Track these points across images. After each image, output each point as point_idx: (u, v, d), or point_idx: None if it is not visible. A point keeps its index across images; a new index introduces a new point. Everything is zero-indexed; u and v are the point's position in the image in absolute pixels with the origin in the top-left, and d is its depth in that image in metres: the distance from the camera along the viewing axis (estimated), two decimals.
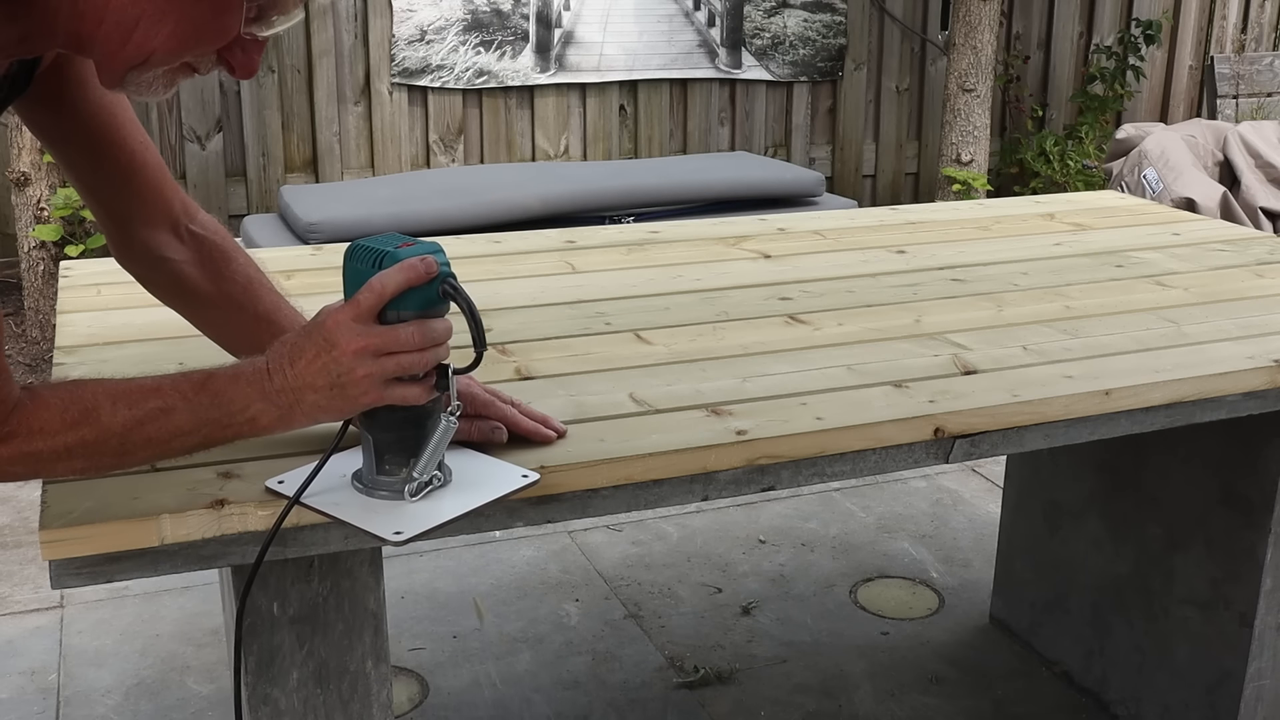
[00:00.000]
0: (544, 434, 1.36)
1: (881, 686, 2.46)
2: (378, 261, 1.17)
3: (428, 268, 1.17)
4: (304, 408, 1.17)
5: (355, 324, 1.15)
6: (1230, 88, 5.68)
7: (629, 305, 1.89)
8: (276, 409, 1.16)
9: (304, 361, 1.15)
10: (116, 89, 1.09)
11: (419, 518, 1.22)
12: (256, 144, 4.90)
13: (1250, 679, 2.04)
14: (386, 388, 1.17)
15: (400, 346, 1.16)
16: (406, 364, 1.17)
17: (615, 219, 4.17)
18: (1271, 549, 1.97)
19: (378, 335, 1.15)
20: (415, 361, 1.17)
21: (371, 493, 1.25)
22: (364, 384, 1.16)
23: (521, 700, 2.40)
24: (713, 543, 3.02)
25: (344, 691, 1.35)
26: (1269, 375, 1.67)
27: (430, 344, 1.17)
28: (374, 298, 1.15)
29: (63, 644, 2.56)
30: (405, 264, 1.16)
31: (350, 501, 1.24)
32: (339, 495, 1.25)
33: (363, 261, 1.19)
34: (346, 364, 1.15)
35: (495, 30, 5.12)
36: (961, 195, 5.09)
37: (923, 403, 1.51)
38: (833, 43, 5.68)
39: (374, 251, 1.18)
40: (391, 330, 1.16)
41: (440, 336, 1.19)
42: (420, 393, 1.19)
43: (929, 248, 2.24)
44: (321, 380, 1.15)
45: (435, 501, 1.25)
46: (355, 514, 1.22)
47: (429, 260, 1.17)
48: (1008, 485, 2.62)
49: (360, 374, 1.15)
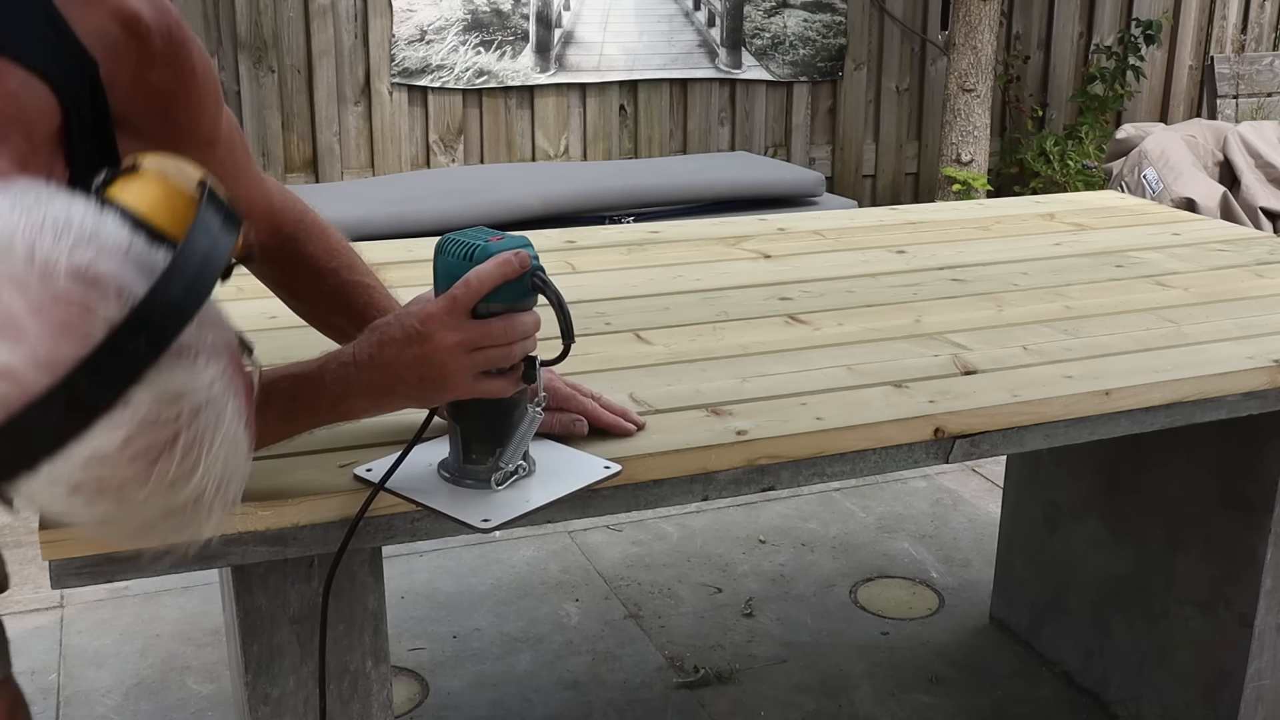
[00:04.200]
0: (624, 426, 1.38)
1: (881, 686, 2.46)
2: (469, 255, 1.19)
3: (521, 262, 1.18)
4: (393, 398, 1.19)
5: (449, 318, 1.16)
6: (1230, 88, 5.68)
7: (629, 305, 1.89)
8: (365, 400, 1.19)
9: (393, 351, 1.16)
10: None
11: (506, 506, 1.24)
12: (256, 144, 4.90)
13: (1250, 679, 2.04)
14: (475, 381, 1.19)
15: (491, 341, 1.17)
16: (496, 358, 1.18)
17: (615, 219, 4.17)
18: (1271, 549, 1.97)
19: (471, 330, 1.16)
20: (504, 355, 1.19)
21: (459, 481, 1.27)
22: (455, 378, 1.18)
23: (521, 700, 2.40)
24: (713, 543, 3.02)
25: (344, 691, 1.35)
26: (1269, 375, 1.67)
27: (519, 337, 1.19)
28: (470, 293, 1.16)
29: (63, 644, 2.56)
30: (500, 259, 1.17)
31: (437, 490, 1.26)
32: (426, 484, 1.26)
33: (454, 255, 1.20)
34: (439, 359, 1.16)
35: (495, 30, 5.12)
36: (961, 195, 5.09)
37: (923, 403, 1.51)
38: (833, 43, 5.68)
39: (466, 245, 1.20)
40: (484, 325, 1.17)
41: (529, 330, 1.20)
42: (507, 385, 1.21)
43: (929, 248, 2.24)
44: (412, 374, 1.17)
45: (521, 490, 1.26)
46: (443, 502, 1.24)
47: (522, 254, 1.18)
48: (1008, 485, 2.62)
49: (452, 369, 1.17)
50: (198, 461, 0.81)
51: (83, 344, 0.76)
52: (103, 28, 1.04)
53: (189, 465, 0.81)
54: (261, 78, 4.87)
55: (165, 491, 0.81)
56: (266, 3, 4.82)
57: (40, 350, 0.76)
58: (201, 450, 0.81)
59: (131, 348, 0.78)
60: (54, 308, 0.76)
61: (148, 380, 0.79)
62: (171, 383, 0.80)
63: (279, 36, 4.86)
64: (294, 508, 1.21)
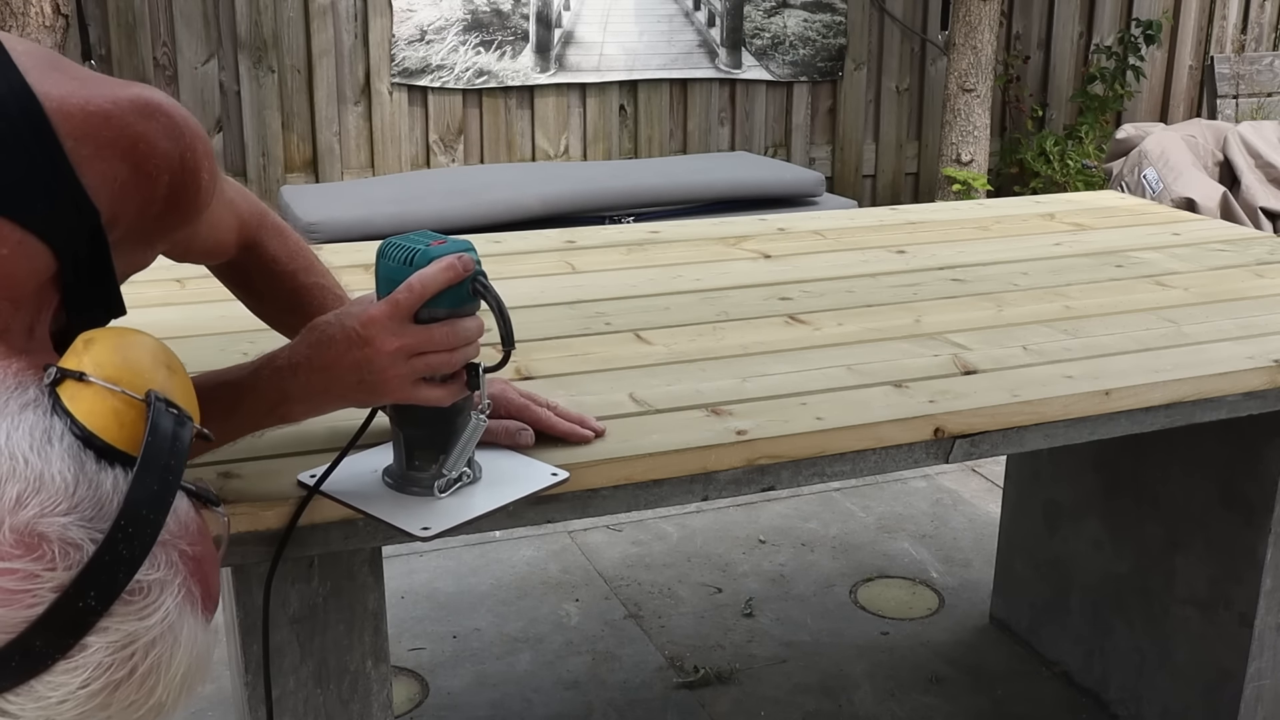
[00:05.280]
0: (580, 434, 1.36)
1: (881, 686, 2.46)
2: (410, 259, 1.17)
3: (465, 266, 1.16)
4: (330, 399, 1.18)
5: (391, 322, 1.14)
6: (1230, 88, 5.68)
7: (629, 305, 1.89)
8: (303, 404, 1.18)
9: (333, 354, 1.15)
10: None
11: (448, 514, 1.22)
12: (256, 144, 4.90)
13: (1250, 679, 2.04)
14: (415, 388, 1.17)
15: (433, 346, 1.16)
16: (437, 364, 1.17)
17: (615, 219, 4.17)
18: (1271, 549, 1.97)
19: (412, 335, 1.15)
20: (446, 361, 1.17)
21: (403, 488, 1.25)
22: (394, 383, 1.16)
23: (521, 700, 2.40)
24: (713, 543, 3.02)
25: (344, 691, 1.35)
26: (1269, 375, 1.67)
27: (462, 343, 1.17)
28: (413, 297, 1.14)
29: None
30: (444, 263, 1.16)
31: (380, 496, 1.24)
32: (370, 490, 1.25)
33: (395, 259, 1.18)
34: (379, 364, 1.14)
35: (495, 30, 5.12)
36: (961, 195, 5.09)
37: (923, 403, 1.51)
38: (833, 43, 5.68)
39: (407, 249, 1.17)
40: (425, 330, 1.15)
41: (471, 336, 1.18)
42: (448, 394, 1.19)
43: (929, 248, 2.24)
44: (351, 376, 1.15)
45: (465, 498, 1.25)
46: (384, 509, 1.22)
47: (466, 258, 1.17)
48: (1008, 485, 2.62)
49: (391, 374, 1.15)
50: (156, 683, 0.84)
51: (32, 609, 0.79)
52: (112, 171, 1.00)
53: (149, 688, 0.84)
54: (261, 78, 4.87)
55: (126, 711, 0.84)
56: (266, 3, 4.82)
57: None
58: (160, 675, 0.84)
59: (81, 605, 0.80)
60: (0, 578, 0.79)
61: (100, 628, 0.81)
62: (123, 628, 0.82)
63: (279, 36, 4.86)
64: (294, 508, 1.21)
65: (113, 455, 0.86)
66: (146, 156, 1.01)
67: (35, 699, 0.81)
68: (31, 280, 0.98)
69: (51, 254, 0.98)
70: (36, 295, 1.00)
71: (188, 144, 1.05)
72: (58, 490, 0.81)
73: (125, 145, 1.00)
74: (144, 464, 0.85)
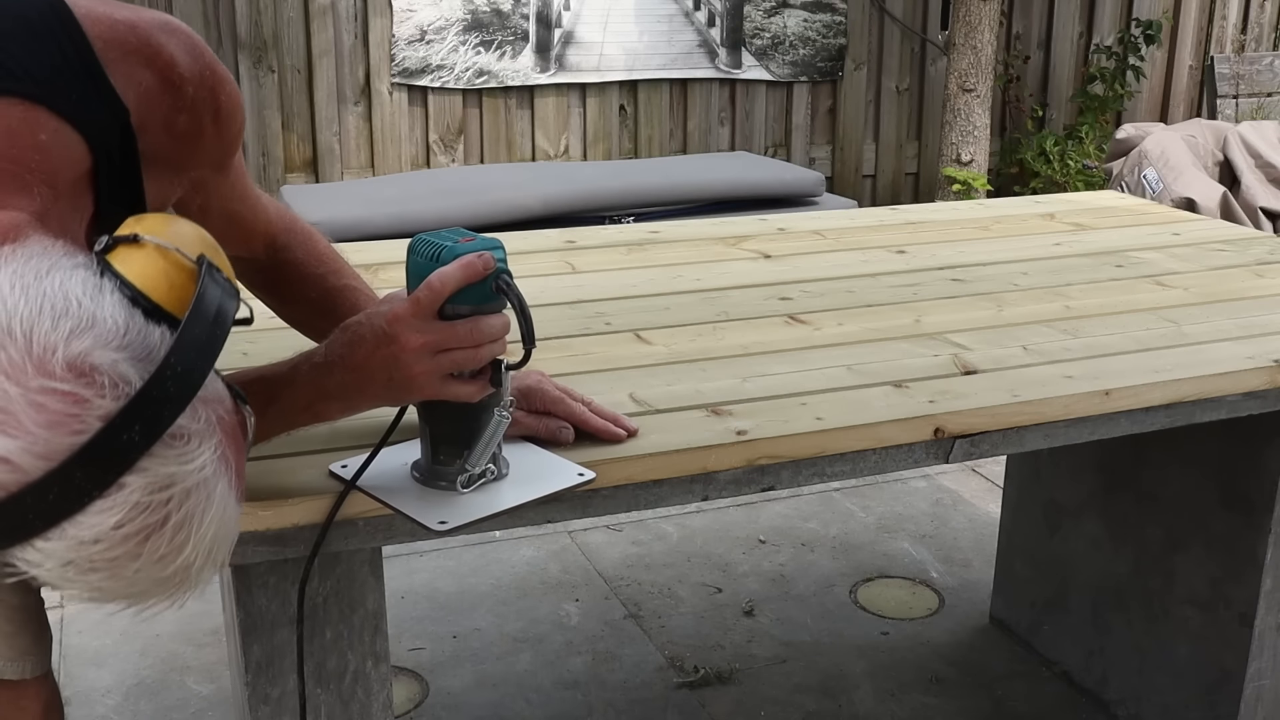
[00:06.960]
0: (614, 433, 1.37)
1: (881, 686, 2.46)
2: (436, 256, 1.19)
3: (485, 264, 1.18)
4: (364, 398, 1.20)
5: (414, 319, 1.16)
6: (1230, 88, 5.68)
7: (629, 305, 1.89)
8: (339, 402, 1.20)
9: (363, 352, 1.17)
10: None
11: (469, 508, 1.23)
12: (256, 144, 4.90)
13: (1250, 679, 2.04)
14: (442, 384, 1.19)
15: (457, 343, 1.17)
16: (462, 360, 1.18)
17: (615, 219, 4.17)
18: (1271, 549, 1.97)
19: (435, 332, 1.17)
20: (470, 358, 1.19)
21: (429, 482, 1.27)
22: (420, 380, 1.18)
23: (521, 700, 2.40)
24: (713, 543, 3.02)
25: (344, 691, 1.35)
26: (1269, 375, 1.67)
27: (486, 340, 1.19)
28: (433, 295, 1.16)
29: (63, 644, 2.56)
30: (463, 261, 1.17)
31: (405, 490, 1.26)
32: (396, 484, 1.26)
33: (422, 255, 1.20)
34: (405, 360, 1.17)
35: (495, 30, 5.12)
36: (961, 195, 5.09)
37: (923, 403, 1.51)
38: (833, 43, 5.68)
39: (434, 246, 1.20)
40: (449, 327, 1.17)
41: (496, 333, 1.20)
42: (474, 390, 1.21)
43: (929, 248, 2.24)
44: (381, 374, 1.17)
45: (488, 494, 1.26)
46: (406, 502, 1.23)
47: (485, 256, 1.18)
48: (1008, 485, 2.62)
49: (418, 371, 1.17)
50: (188, 539, 0.85)
51: (77, 436, 0.79)
52: (137, 76, 1.07)
53: (179, 542, 0.84)
54: (261, 78, 4.87)
55: (155, 565, 0.84)
56: (266, 3, 4.82)
57: (36, 442, 0.79)
58: (191, 529, 0.85)
59: (125, 439, 0.81)
60: (49, 400, 0.79)
61: (140, 468, 0.81)
62: (164, 469, 0.83)
63: (279, 36, 4.87)
64: (294, 508, 1.21)
65: (159, 315, 0.87)
66: (170, 65, 1.08)
67: (67, 540, 0.81)
68: (68, 169, 1.02)
69: (86, 148, 1.03)
70: (73, 190, 1.03)
71: (207, 63, 1.12)
72: (109, 330, 0.83)
73: (149, 53, 1.07)
74: (194, 315, 0.87)
